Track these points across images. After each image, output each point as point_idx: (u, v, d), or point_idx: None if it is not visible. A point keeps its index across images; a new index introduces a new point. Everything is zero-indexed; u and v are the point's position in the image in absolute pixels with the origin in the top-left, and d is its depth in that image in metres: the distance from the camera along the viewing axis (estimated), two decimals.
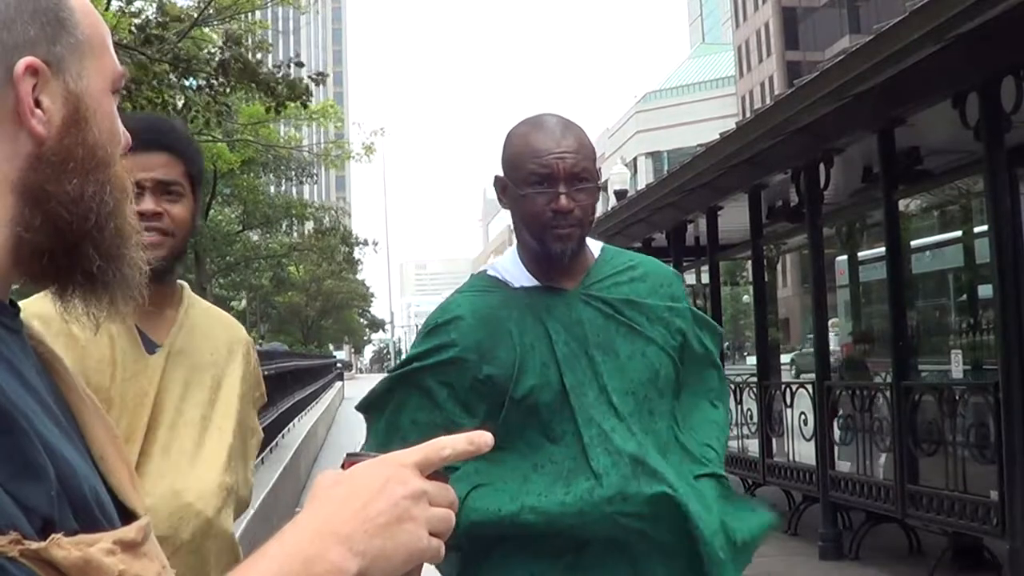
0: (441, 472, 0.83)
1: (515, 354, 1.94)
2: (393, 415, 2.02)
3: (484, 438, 0.84)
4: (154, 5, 12.40)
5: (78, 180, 0.79)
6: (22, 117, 0.77)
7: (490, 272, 2.07)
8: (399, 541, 0.77)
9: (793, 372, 17.57)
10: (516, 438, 1.91)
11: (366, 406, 2.10)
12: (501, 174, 2.02)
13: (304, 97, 12.61)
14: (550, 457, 1.90)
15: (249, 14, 16.57)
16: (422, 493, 0.80)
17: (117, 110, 0.87)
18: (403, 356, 2.16)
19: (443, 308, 2.07)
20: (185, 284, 1.97)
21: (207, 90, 12.06)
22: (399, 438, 1.96)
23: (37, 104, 0.77)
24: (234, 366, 1.94)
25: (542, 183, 1.92)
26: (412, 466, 0.81)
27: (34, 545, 0.65)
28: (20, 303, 0.82)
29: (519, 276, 2.02)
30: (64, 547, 0.66)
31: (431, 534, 0.79)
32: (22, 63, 0.77)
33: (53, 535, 0.66)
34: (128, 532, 0.73)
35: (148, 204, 1.79)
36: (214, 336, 1.93)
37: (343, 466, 0.83)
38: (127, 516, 0.78)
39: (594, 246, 2.08)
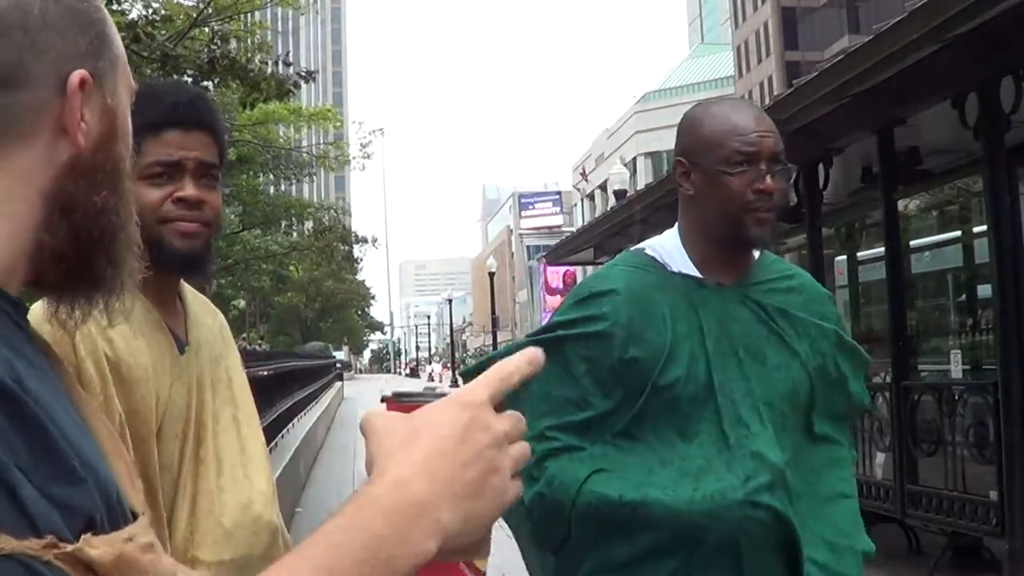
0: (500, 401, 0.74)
1: (665, 339, 1.86)
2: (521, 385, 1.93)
3: (537, 353, 0.77)
4: (143, 4, 12.41)
5: (106, 192, 0.81)
6: (68, 128, 0.79)
7: (648, 251, 1.99)
8: (488, 499, 0.70)
9: None
10: (648, 430, 1.84)
11: (480, 368, 1.93)
12: (682, 158, 1.94)
13: (290, 93, 12.65)
14: (680, 454, 1.82)
15: (248, 15, 16.55)
16: (504, 436, 0.72)
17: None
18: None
19: (598, 277, 1.99)
20: None
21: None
22: (523, 409, 1.84)
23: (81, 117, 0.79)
24: (232, 354, 1.80)
25: (745, 163, 1.86)
26: (488, 404, 0.73)
27: (68, 547, 0.64)
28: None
29: (679, 261, 1.95)
30: (96, 546, 0.66)
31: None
32: (77, 75, 0.78)
33: (84, 535, 0.66)
34: (142, 529, 0.73)
35: (190, 190, 1.61)
36: (209, 324, 1.77)
37: (387, 408, 0.75)
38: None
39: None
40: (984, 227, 6.20)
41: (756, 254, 2.01)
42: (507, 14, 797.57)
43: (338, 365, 39.16)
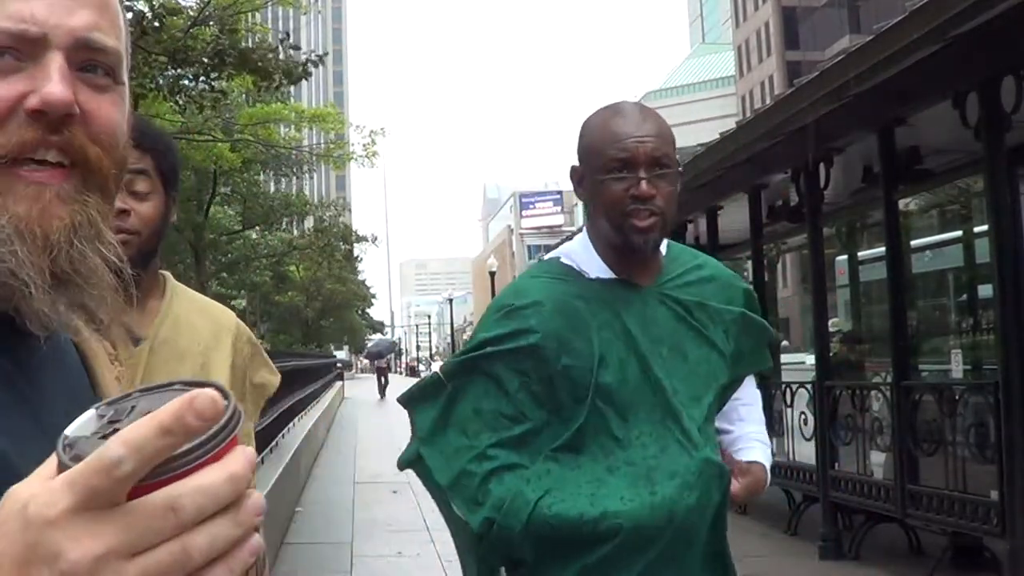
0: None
1: (593, 347, 1.86)
2: (448, 405, 1.89)
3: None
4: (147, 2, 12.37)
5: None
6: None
7: (563, 259, 1.99)
8: None
9: None
10: (590, 440, 1.84)
11: (411, 397, 1.96)
12: (577, 164, 1.97)
13: (301, 80, 12.64)
14: (626, 459, 1.83)
15: (249, 15, 16.52)
16: (91, 564, 0.45)
17: None
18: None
19: (518, 291, 1.97)
20: (168, 275, 1.90)
21: (202, 78, 12.05)
22: (456, 429, 1.87)
23: None
24: (219, 354, 1.86)
25: (622, 169, 1.86)
26: (67, 518, 0.45)
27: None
28: None
29: (594, 266, 1.95)
30: None
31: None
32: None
33: None
34: None
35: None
36: (198, 326, 1.86)
37: None
38: None
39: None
40: (985, 227, 6.20)
41: (664, 249, 2.02)
42: (508, 14, 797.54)
43: (338, 365, 39.13)
